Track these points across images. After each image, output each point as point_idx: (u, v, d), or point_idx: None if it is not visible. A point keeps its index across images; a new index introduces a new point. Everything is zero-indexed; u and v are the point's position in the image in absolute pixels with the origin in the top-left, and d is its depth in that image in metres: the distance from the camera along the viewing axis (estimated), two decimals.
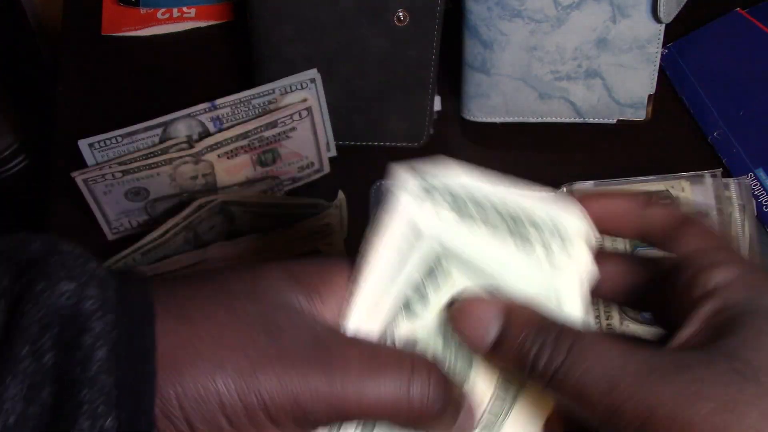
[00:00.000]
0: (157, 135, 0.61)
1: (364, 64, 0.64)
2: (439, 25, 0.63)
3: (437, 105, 0.68)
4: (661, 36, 0.64)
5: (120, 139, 0.60)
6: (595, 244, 0.35)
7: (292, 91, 0.63)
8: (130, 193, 0.61)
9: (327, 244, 0.60)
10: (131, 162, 0.59)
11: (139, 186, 0.60)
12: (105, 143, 0.60)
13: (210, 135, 0.62)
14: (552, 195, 0.35)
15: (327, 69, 0.64)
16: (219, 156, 0.61)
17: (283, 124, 0.62)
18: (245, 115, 0.62)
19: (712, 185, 0.63)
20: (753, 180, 0.66)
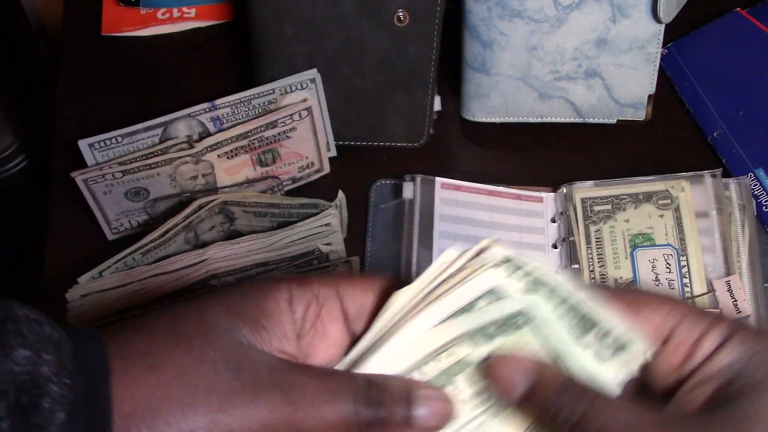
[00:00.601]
0: (157, 135, 0.61)
1: (364, 64, 0.64)
2: (439, 25, 0.63)
3: (437, 105, 0.68)
4: (661, 36, 0.64)
5: (120, 139, 0.60)
6: (649, 358, 0.39)
7: (292, 91, 0.63)
8: (130, 193, 0.61)
9: (327, 244, 0.60)
10: (131, 162, 0.59)
11: (139, 186, 0.60)
12: (105, 143, 0.60)
13: (210, 135, 0.62)
14: (624, 315, 0.39)
15: (327, 69, 0.64)
16: (219, 156, 0.61)
17: (283, 124, 0.62)
18: (245, 115, 0.62)
19: (712, 185, 0.63)
20: (753, 180, 0.66)
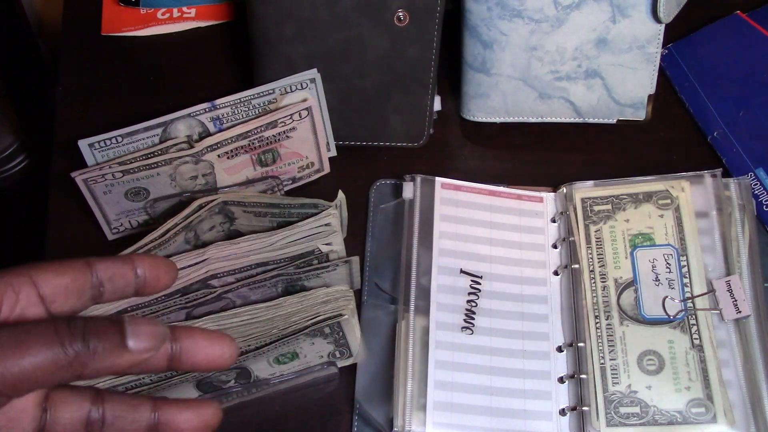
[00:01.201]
0: (157, 135, 0.61)
1: (364, 64, 0.64)
2: (439, 25, 0.63)
3: (437, 105, 0.68)
4: (661, 36, 0.64)
5: (120, 139, 0.60)
6: None
7: (292, 91, 0.63)
8: (130, 193, 0.61)
9: (327, 244, 0.60)
10: (131, 162, 0.59)
11: (139, 186, 0.60)
12: (105, 143, 0.60)
13: (210, 135, 0.62)
14: None
15: (327, 69, 0.64)
16: (219, 156, 0.61)
17: (283, 124, 0.62)
18: (245, 115, 0.62)
19: (712, 185, 0.63)
20: (753, 180, 0.66)
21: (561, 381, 0.58)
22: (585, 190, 0.65)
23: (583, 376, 0.57)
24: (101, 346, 0.38)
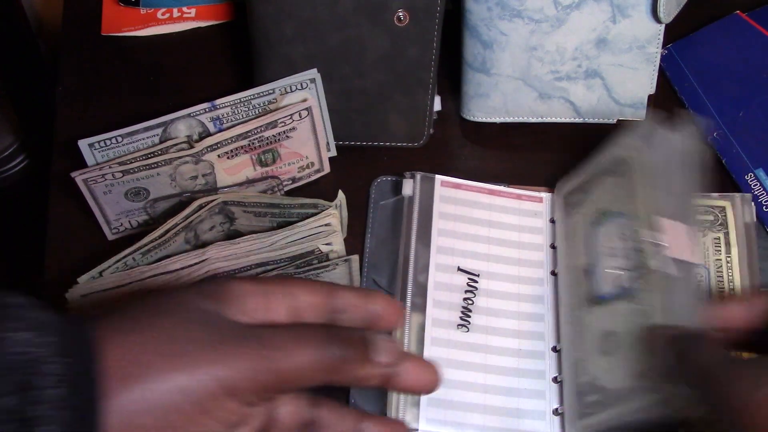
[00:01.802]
0: (157, 135, 0.61)
1: (364, 64, 0.64)
2: (439, 25, 0.63)
3: (437, 105, 0.68)
4: (661, 36, 0.64)
5: (120, 139, 0.60)
6: None
7: (292, 91, 0.63)
8: (130, 193, 0.61)
9: (327, 243, 0.60)
10: (131, 162, 0.59)
11: (139, 186, 0.60)
12: (105, 143, 0.60)
13: (210, 135, 0.62)
14: None
15: (327, 69, 0.64)
16: (219, 156, 0.61)
17: (283, 124, 0.62)
18: (245, 115, 0.62)
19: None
20: (753, 180, 0.66)
21: (555, 381, 0.58)
22: (567, 185, 0.64)
23: (561, 375, 0.57)
24: (352, 354, 0.42)
